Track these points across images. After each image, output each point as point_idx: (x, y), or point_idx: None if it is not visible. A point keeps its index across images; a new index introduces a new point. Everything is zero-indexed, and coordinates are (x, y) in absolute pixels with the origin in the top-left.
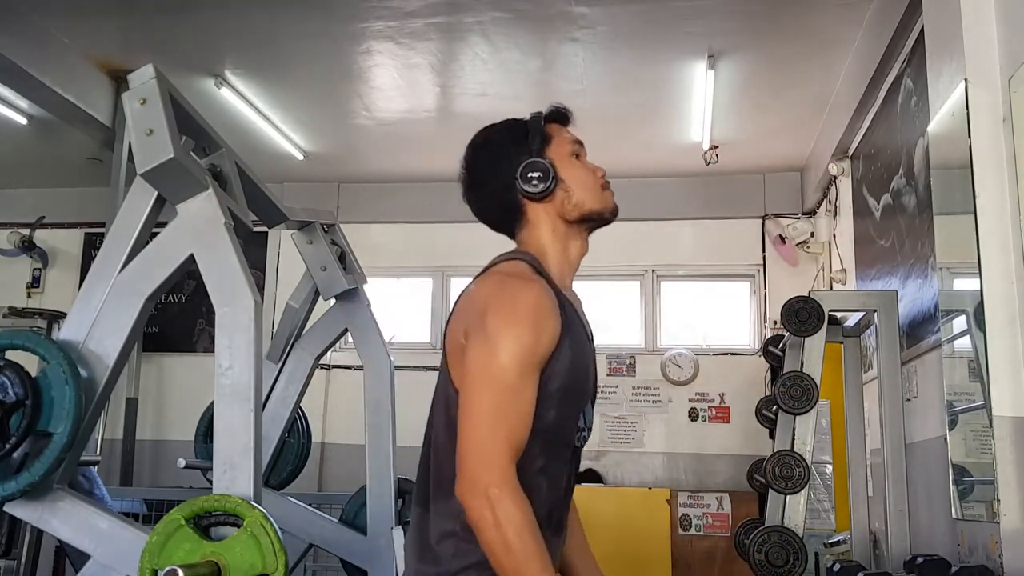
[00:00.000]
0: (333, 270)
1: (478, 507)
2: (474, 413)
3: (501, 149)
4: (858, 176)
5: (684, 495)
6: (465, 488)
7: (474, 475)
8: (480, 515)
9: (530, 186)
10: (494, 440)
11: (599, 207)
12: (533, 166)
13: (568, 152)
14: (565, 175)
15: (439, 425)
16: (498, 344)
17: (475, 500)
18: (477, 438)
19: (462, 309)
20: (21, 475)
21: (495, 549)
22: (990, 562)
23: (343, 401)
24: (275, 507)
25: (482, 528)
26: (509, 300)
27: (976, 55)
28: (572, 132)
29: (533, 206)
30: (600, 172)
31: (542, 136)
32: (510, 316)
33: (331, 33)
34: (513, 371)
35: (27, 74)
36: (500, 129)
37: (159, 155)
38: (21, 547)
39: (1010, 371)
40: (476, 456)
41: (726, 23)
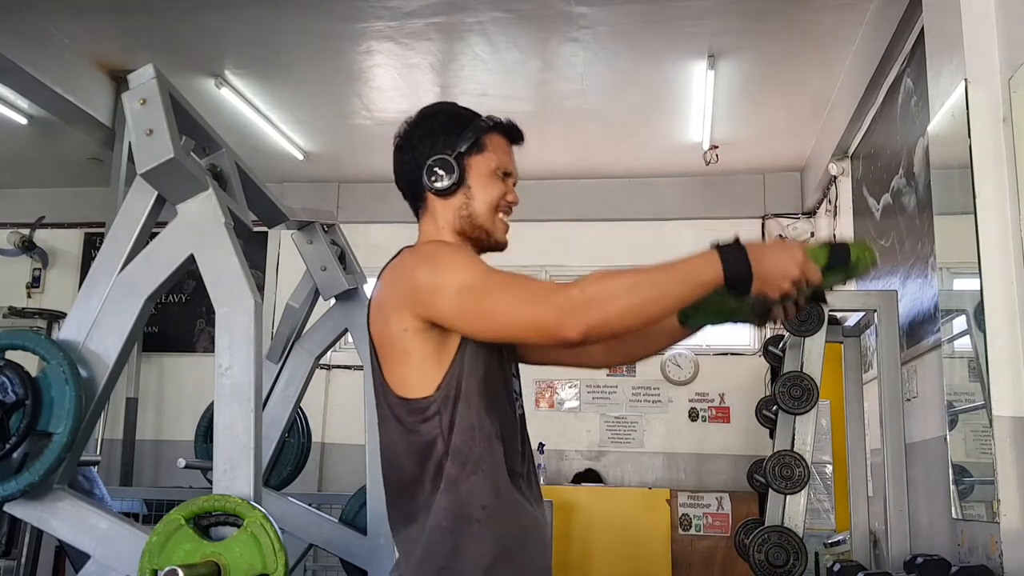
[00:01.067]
0: (333, 270)
1: (585, 316)
2: (499, 307)
3: (434, 131)
4: (858, 176)
5: (684, 495)
6: (564, 327)
7: (554, 313)
8: (590, 316)
9: (431, 179)
10: (527, 291)
11: (488, 225)
12: (441, 162)
13: (492, 168)
14: (475, 184)
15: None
16: (448, 268)
17: (578, 318)
18: (523, 307)
19: (380, 297)
20: (21, 475)
21: (628, 302)
22: (990, 562)
23: (343, 401)
24: (275, 507)
25: (606, 314)
26: (427, 250)
27: (976, 55)
28: (514, 155)
29: (432, 197)
30: (511, 196)
31: (476, 142)
32: (438, 253)
33: (331, 33)
34: (477, 269)
35: (27, 74)
36: (447, 112)
37: (159, 155)
38: (21, 547)
39: (1010, 371)
40: (537, 310)
41: (726, 23)
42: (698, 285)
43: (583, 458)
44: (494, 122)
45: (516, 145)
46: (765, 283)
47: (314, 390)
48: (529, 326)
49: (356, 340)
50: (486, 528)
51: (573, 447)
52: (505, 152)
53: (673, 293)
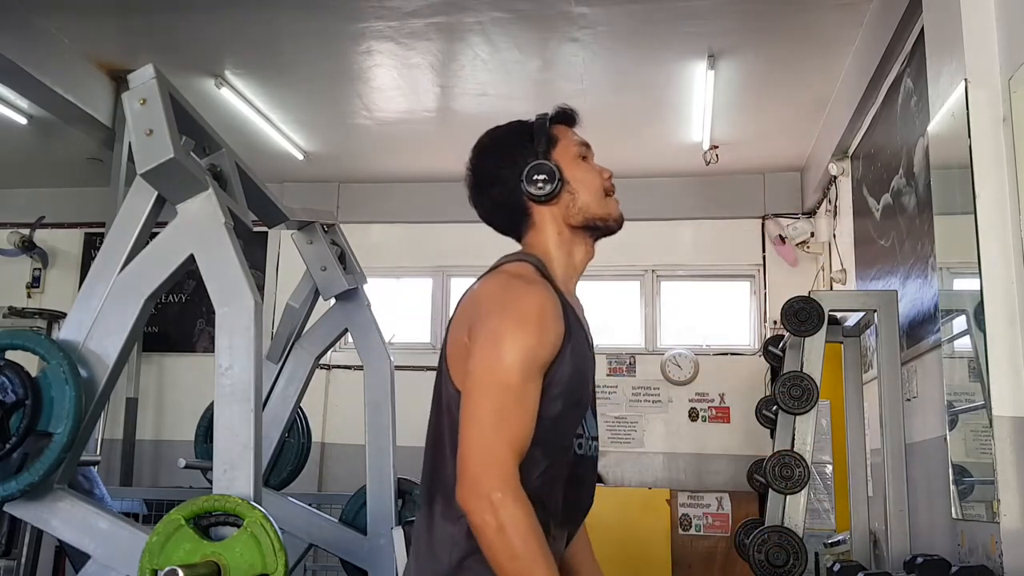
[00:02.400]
0: (333, 270)
1: (480, 511)
2: (477, 415)
3: (506, 151)
4: (858, 176)
5: (684, 495)
6: (467, 492)
7: (476, 478)
8: (482, 519)
9: (535, 188)
10: (498, 443)
11: (603, 212)
12: (539, 168)
13: (575, 154)
14: (571, 177)
15: (440, 426)
16: (502, 346)
17: (477, 504)
18: (480, 441)
19: (465, 308)
20: (21, 475)
21: (498, 554)
22: (990, 562)
23: (343, 401)
24: (275, 507)
25: (485, 533)
26: (513, 301)
27: (976, 55)
28: (579, 134)
29: (539, 209)
30: (607, 174)
31: (548, 138)
32: (514, 318)
33: (331, 33)
34: (516, 373)
35: (27, 74)
36: (506, 131)
37: (159, 155)
38: (21, 547)
39: (1010, 371)
40: (479, 459)
41: (726, 23)
42: None
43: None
44: (550, 115)
45: (576, 127)
46: None
47: (314, 390)
48: (461, 458)
49: (356, 340)
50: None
51: None
52: (573, 134)
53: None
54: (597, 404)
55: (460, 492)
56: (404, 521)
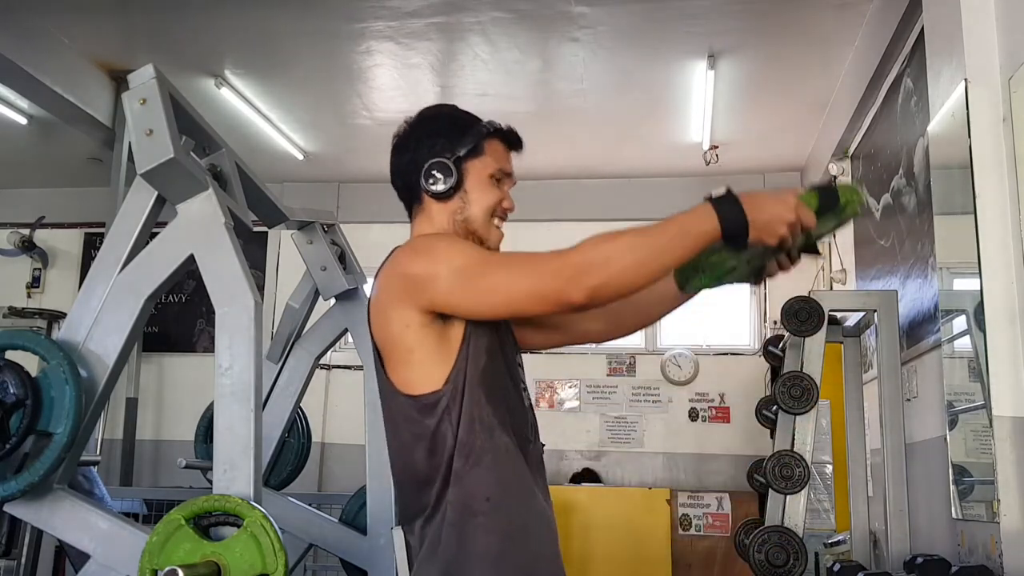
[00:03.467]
0: (333, 270)
1: (587, 279)
2: (499, 283)
3: (433, 133)
4: (858, 176)
5: (684, 495)
6: (566, 293)
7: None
8: (591, 279)
9: (426, 180)
10: (525, 263)
11: (483, 232)
12: (439, 165)
13: (489, 172)
14: (472, 189)
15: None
16: (442, 255)
17: (580, 282)
18: (523, 279)
19: (377, 300)
20: (21, 475)
21: (628, 261)
22: (990, 562)
23: (343, 401)
24: (275, 507)
25: (607, 275)
26: (418, 242)
27: (976, 55)
28: (512, 162)
29: (429, 199)
30: (507, 203)
31: (476, 147)
32: (430, 242)
33: (331, 33)
34: (471, 250)
35: (27, 74)
36: (447, 116)
37: (159, 155)
38: (21, 547)
39: (1010, 371)
40: (538, 280)
41: (726, 23)
42: (696, 239)
43: (583, 458)
44: (494, 128)
45: (515, 152)
46: (762, 231)
47: (314, 390)
48: (532, 295)
49: (356, 340)
50: (490, 520)
51: (573, 447)
52: (504, 158)
53: (671, 249)
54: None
55: (568, 298)
56: None
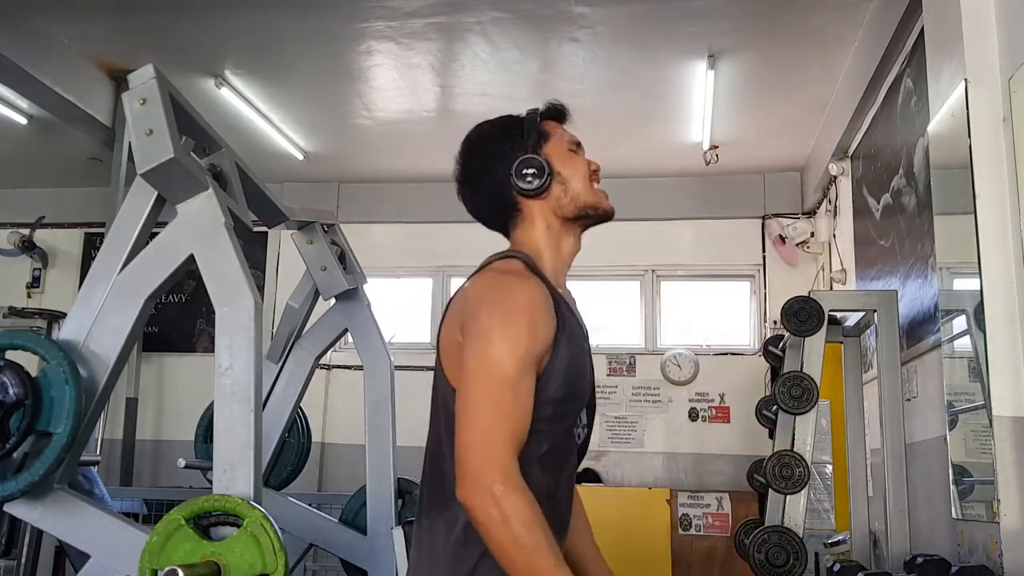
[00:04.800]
0: (333, 270)
1: (483, 505)
2: (473, 411)
3: (496, 145)
4: (858, 176)
5: (684, 495)
6: (468, 487)
7: (477, 473)
8: (486, 513)
9: (524, 183)
10: (496, 436)
11: (593, 200)
12: (528, 162)
13: (565, 147)
14: (562, 169)
15: (439, 428)
16: (494, 341)
17: (479, 498)
18: (478, 435)
19: (456, 308)
20: (21, 475)
21: (504, 546)
22: (990, 562)
23: (343, 401)
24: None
25: (489, 527)
26: (504, 297)
27: (976, 55)
28: (570, 130)
29: (528, 203)
30: (594, 165)
31: (538, 133)
32: (505, 313)
33: (331, 33)
34: (510, 367)
35: (27, 74)
36: (495, 125)
37: (159, 155)
38: (21, 547)
39: (1010, 371)
40: (478, 453)
41: (726, 23)
42: None
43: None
44: (541, 111)
45: (566, 122)
46: None
47: (314, 390)
48: (459, 453)
49: (356, 340)
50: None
51: None
52: (564, 130)
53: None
54: (597, 405)
55: (461, 489)
56: (404, 521)
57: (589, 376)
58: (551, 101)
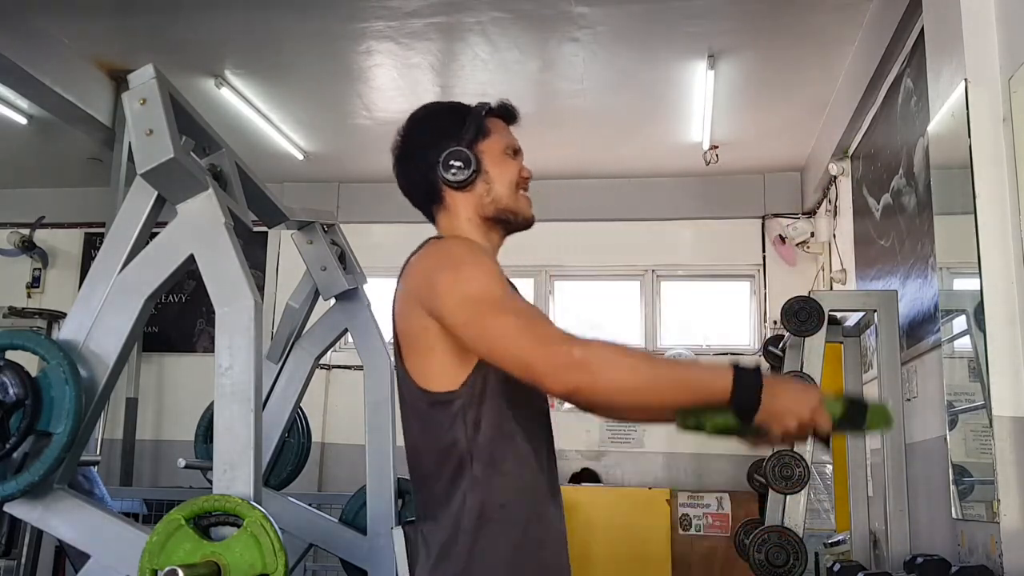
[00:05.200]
0: (333, 270)
1: (576, 372)
2: (498, 330)
3: (434, 130)
4: (858, 176)
5: (684, 495)
6: (552, 378)
7: (545, 359)
8: (584, 377)
9: (449, 173)
10: (534, 327)
11: (514, 205)
12: (457, 154)
13: (501, 149)
14: (490, 168)
15: (413, 430)
16: (467, 276)
17: (569, 374)
18: (519, 340)
19: (409, 290)
20: (21, 475)
21: (623, 381)
22: (990, 562)
23: (343, 401)
24: (275, 507)
25: (596, 384)
26: (458, 251)
27: (976, 55)
28: (513, 134)
29: (452, 193)
30: (525, 172)
31: (479, 128)
32: (466, 260)
33: (331, 33)
34: (497, 290)
35: (27, 74)
36: (441, 110)
37: (159, 155)
38: (21, 547)
39: (1010, 371)
40: (533, 347)
41: (726, 23)
42: (699, 396)
43: (583, 458)
44: (490, 106)
45: (514, 124)
46: (771, 418)
47: (314, 390)
48: (518, 362)
49: (356, 340)
50: (503, 527)
51: (573, 447)
52: (508, 132)
53: (671, 393)
54: None
55: (551, 384)
56: (404, 521)
57: None
58: (503, 100)
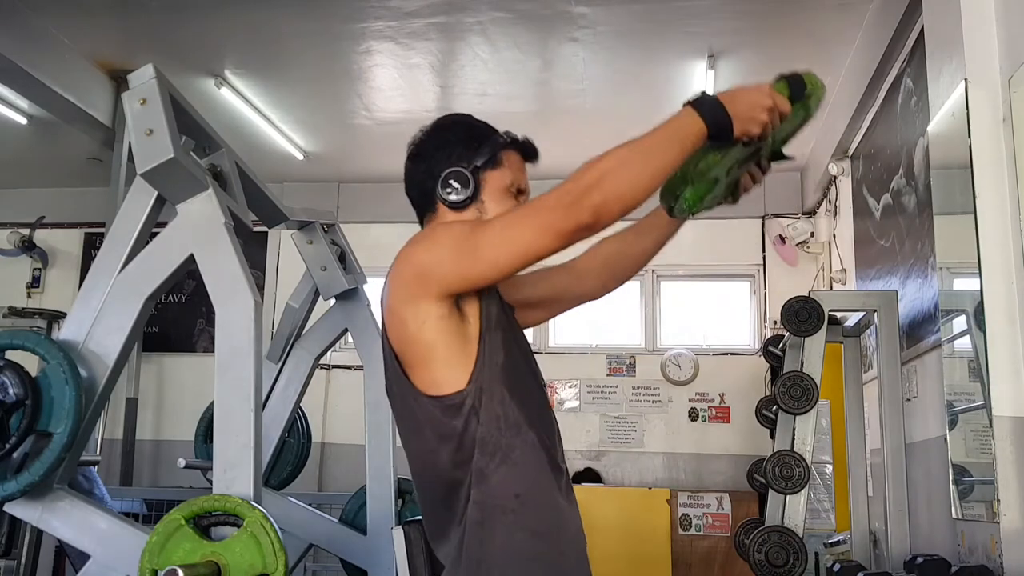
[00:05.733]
0: (333, 270)
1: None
2: (507, 230)
3: (449, 143)
4: (858, 176)
5: (684, 495)
6: (572, 219)
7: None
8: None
9: (445, 191)
10: (520, 213)
11: None
12: (457, 176)
13: (506, 185)
14: (487, 200)
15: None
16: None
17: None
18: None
19: (392, 297)
20: (21, 475)
21: (624, 176)
22: (990, 562)
23: (343, 401)
24: (275, 507)
25: (605, 195)
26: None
27: (976, 55)
28: (527, 173)
29: (444, 208)
30: None
31: (492, 156)
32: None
33: (331, 33)
34: (466, 225)
35: (27, 74)
36: (464, 125)
37: (159, 155)
38: (21, 547)
39: (1010, 371)
40: (538, 219)
41: (726, 23)
42: (683, 141)
43: (583, 458)
44: (511, 139)
45: (531, 163)
46: (745, 121)
47: (314, 390)
48: (543, 232)
49: (356, 340)
50: (521, 517)
51: (573, 447)
52: (520, 170)
53: (661, 153)
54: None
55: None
56: (404, 521)
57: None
58: (526, 137)
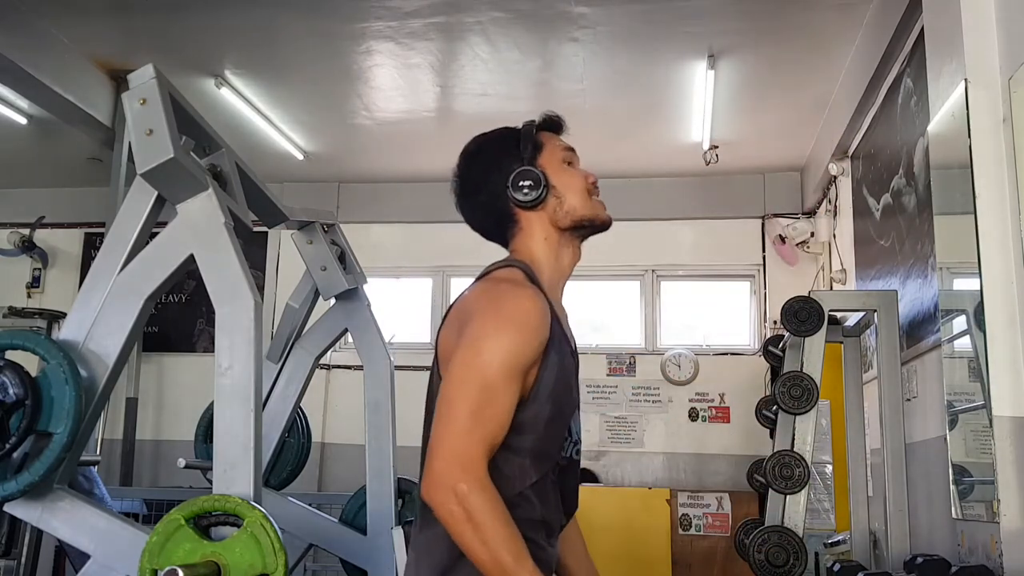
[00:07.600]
0: (333, 270)
1: (446, 503)
2: (452, 411)
3: (493, 158)
4: (858, 176)
5: (684, 495)
6: (431, 485)
7: (441, 472)
8: (448, 510)
9: (521, 195)
10: (469, 439)
11: (590, 213)
12: (524, 175)
13: (560, 159)
14: (557, 182)
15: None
16: (483, 345)
17: (442, 496)
18: (452, 436)
19: (454, 315)
20: (21, 475)
21: (469, 542)
22: (990, 562)
23: (343, 401)
24: (275, 507)
25: (452, 523)
26: (499, 305)
27: (976, 55)
28: (564, 140)
29: (525, 214)
30: (592, 177)
31: (534, 144)
32: (498, 319)
33: (331, 33)
34: (496, 372)
35: (27, 74)
36: (492, 138)
37: (159, 155)
38: (21, 547)
39: (1010, 371)
40: (447, 453)
41: (726, 23)
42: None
43: (583, 458)
44: (537, 122)
45: (561, 134)
46: None
47: (314, 390)
48: (431, 450)
49: (356, 340)
50: None
51: None
52: (558, 141)
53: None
54: (597, 404)
55: (425, 487)
56: (404, 521)
57: (575, 394)
58: (547, 112)
